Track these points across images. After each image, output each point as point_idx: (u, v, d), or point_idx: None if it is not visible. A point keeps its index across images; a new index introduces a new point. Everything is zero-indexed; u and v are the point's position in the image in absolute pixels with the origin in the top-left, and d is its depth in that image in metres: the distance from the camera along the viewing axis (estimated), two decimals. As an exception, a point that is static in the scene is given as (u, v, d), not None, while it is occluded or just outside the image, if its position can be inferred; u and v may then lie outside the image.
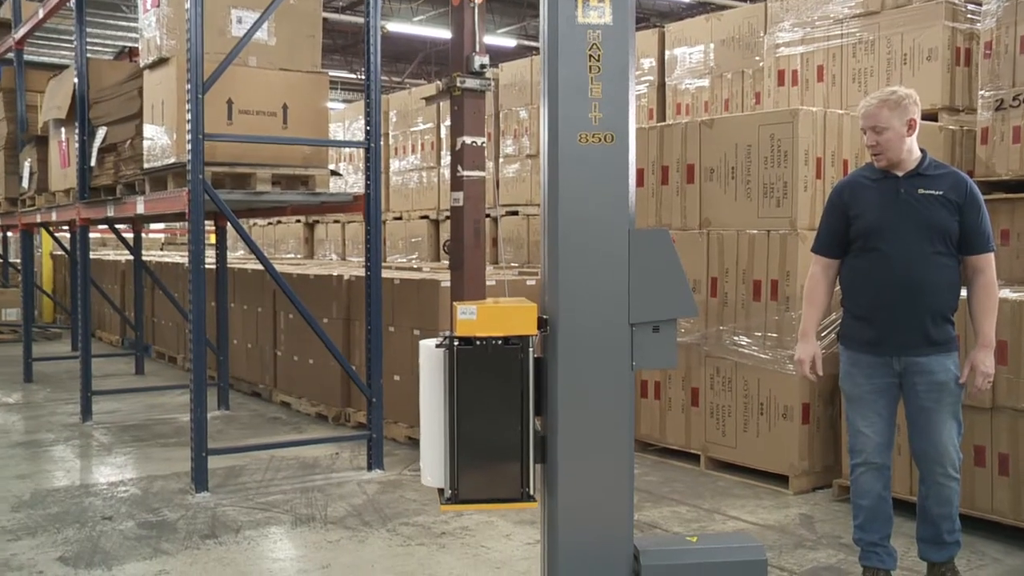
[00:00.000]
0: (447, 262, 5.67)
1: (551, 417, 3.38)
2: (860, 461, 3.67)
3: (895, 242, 3.54)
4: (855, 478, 3.71)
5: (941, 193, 3.55)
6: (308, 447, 6.29)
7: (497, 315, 3.32)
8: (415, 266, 8.91)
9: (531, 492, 3.32)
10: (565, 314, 3.32)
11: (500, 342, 3.28)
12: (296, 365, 7.76)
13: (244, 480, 5.62)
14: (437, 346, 3.34)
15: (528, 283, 6.60)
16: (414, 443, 6.26)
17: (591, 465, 3.36)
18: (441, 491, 3.39)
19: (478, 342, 3.27)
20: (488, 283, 5.84)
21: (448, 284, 5.89)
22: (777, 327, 5.36)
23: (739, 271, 5.56)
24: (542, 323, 3.38)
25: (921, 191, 3.56)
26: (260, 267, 8.02)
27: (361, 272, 6.89)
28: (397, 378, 6.55)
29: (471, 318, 3.26)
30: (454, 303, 3.45)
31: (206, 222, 5.54)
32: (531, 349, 3.33)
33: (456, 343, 3.29)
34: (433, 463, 3.41)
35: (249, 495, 5.29)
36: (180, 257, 11.57)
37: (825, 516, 4.86)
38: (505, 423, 3.30)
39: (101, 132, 6.86)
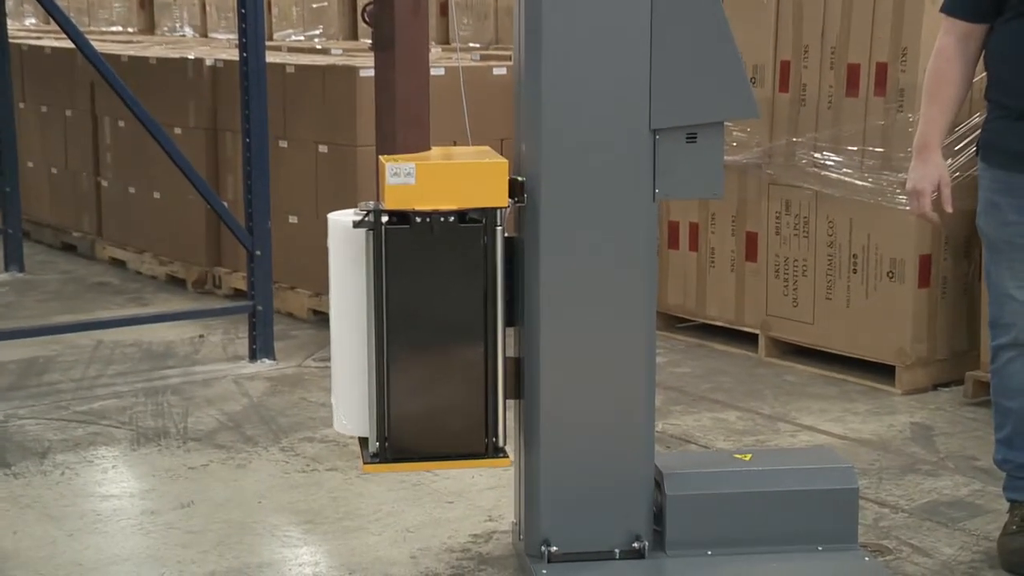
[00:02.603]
0: (369, 41, 5.55)
1: (531, 327, 3.42)
2: (1008, 341, 3.73)
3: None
4: (999, 368, 3.77)
5: None
6: (156, 326, 6.32)
7: (447, 177, 3.33)
8: (319, 46, 8.78)
9: (500, 442, 3.43)
10: (552, 114, 3.31)
11: (452, 219, 3.31)
12: (133, 201, 7.71)
13: (53, 379, 5.65)
14: (355, 224, 3.32)
15: (496, 72, 6.60)
16: (322, 319, 6.30)
17: (591, 373, 3.44)
18: (364, 442, 3.45)
19: (419, 219, 3.29)
20: (434, 72, 5.78)
21: (370, 73, 5.82)
22: (883, 137, 5.35)
23: (825, 49, 5.53)
24: (516, 188, 3.39)
25: None
26: (68, 44, 7.85)
27: (233, 55, 6.77)
28: (294, 220, 6.55)
29: (407, 182, 3.26)
30: (381, 158, 3.41)
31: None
32: (500, 228, 3.36)
33: (385, 220, 3.30)
34: (350, 400, 3.47)
35: (62, 401, 5.32)
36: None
37: (951, 427, 4.98)
38: (460, 341, 3.37)
39: None
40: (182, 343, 6.20)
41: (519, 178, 3.40)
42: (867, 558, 3.63)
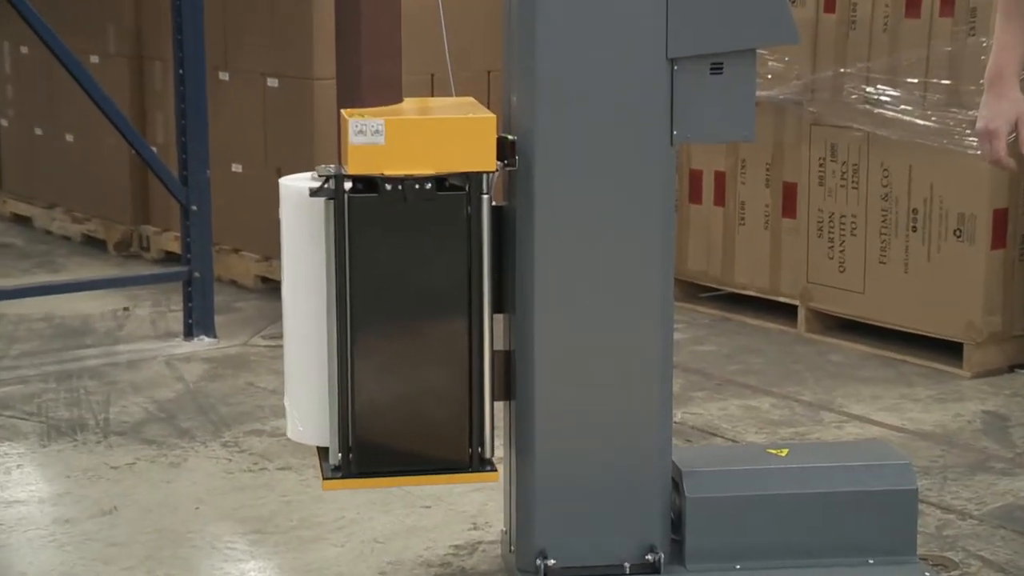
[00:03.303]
0: (326, -49, 5.55)
1: (524, 314, 3.42)
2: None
3: None
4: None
5: None
6: (70, 297, 6.28)
7: (423, 136, 3.34)
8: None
9: (486, 453, 3.44)
10: (548, 40, 3.30)
11: (429, 186, 3.33)
12: (41, 145, 7.72)
13: (-54, 360, 5.65)
14: (312, 192, 3.33)
15: (479, -2, 6.57)
16: (272, 288, 6.26)
17: (596, 358, 3.45)
18: (324, 453, 3.47)
19: (389, 186, 3.31)
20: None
21: (329, -8, 5.78)
22: (949, 67, 5.32)
23: (881, -39, 5.49)
24: (506, 148, 3.39)
25: None
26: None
27: (162, -31, 6.71)
28: (238, 168, 6.55)
29: (375, 142, 3.28)
30: (343, 112, 3.45)
31: None
32: (486, 196, 3.38)
33: (349, 187, 3.33)
34: (307, 404, 3.48)
35: (-44, 387, 5.33)
36: None
37: (1030, 415, 4.98)
38: (439, 332, 3.39)
39: None
40: (102, 317, 6.19)
41: (509, 136, 3.38)
42: (928, 573, 3.59)
